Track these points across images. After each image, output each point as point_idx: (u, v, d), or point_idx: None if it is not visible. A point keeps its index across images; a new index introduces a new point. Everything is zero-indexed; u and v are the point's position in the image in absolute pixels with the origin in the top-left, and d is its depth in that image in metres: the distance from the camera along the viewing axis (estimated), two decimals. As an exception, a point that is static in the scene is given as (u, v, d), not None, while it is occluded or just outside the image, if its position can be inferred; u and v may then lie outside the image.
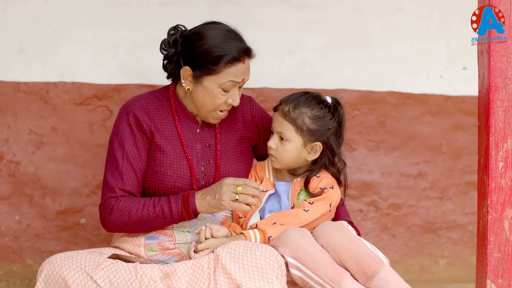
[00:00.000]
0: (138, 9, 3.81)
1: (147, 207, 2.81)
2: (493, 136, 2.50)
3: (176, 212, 2.79)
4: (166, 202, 2.81)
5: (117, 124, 2.90)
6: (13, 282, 3.75)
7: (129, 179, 2.85)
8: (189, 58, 2.83)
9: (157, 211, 2.80)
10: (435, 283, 4.02)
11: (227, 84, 2.81)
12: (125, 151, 2.85)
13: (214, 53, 2.78)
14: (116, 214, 2.81)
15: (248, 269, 2.57)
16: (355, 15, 3.95)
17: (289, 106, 2.86)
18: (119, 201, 2.81)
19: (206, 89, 2.83)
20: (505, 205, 2.50)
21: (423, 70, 4.02)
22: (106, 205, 2.83)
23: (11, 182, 3.79)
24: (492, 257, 2.52)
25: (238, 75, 2.82)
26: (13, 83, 3.77)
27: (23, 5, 3.75)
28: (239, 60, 2.80)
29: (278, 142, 2.88)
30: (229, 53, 2.78)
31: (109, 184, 2.84)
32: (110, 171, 2.86)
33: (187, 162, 2.90)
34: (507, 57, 2.49)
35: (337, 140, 2.91)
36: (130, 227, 2.83)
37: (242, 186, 2.73)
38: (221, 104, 2.85)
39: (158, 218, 2.81)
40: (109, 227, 2.85)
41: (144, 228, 2.84)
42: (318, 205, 2.83)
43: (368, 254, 2.63)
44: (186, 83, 2.86)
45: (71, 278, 2.60)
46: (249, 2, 3.87)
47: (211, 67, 2.79)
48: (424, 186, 4.05)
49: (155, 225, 2.82)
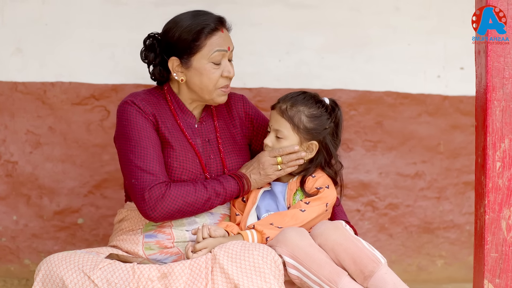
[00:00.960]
0: (136, 9, 3.81)
1: (199, 189, 2.82)
2: (490, 136, 2.50)
3: (230, 191, 2.87)
4: (218, 183, 2.85)
5: (127, 117, 2.86)
6: (10, 282, 3.75)
7: (162, 164, 2.83)
8: (171, 49, 2.88)
9: (210, 192, 2.83)
10: (433, 283, 4.03)
11: (215, 55, 2.85)
12: (148, 137, 2.83)
13: (192, 31, 2.83)
14: (169, 200, 2.77)
15: (246, 269, 2.57)
16: (352, 15, 3.96)
17: (287, 104, 2.87)
18: (169, 187, 2.79)
19: (198, 69, 2.86)
20: (502, 205, 2.50)
21: (420, 70, 4.02)
22: (156, 192, 2.76)
23: (9, 182, 3.79)
24: (490, 257, 2.52)
25: (222, 44, 2.86)
26: (10, 83, 3.77)
27: (21, 5, 3.74)
28: (217, 29, 2.86)
29: (275, 140, 2.89)
30: (206, 25, 2.84)
31: (148, 171, 2.77)
32: (140, 159, 2.79)
33: (194, 154, 2.91)
34: (504, 57, 2.49)
35: (333, 141, 2.92)
36: (182, 212, 2.81)
37: (281, 157, 2.87)
38: (218, 78, 2.87)
39: (210, 199, 2.84)
40: (160, 214, 2.78)
41: (195, 212, 2.84)
42: (314, 205, 2.83)
43: (365, 253, 2.63)
44: (178, 75, 2.89)
45: (68, 278, 2.60)
46: (247, 2, 3.87)
47: (194, 44, 2.83)
48: (422, 186, 4.05)
49: (206, 206, 2.85)
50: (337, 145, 2.95)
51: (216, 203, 2.87)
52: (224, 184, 2.86)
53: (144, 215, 2.79)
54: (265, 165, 2.88)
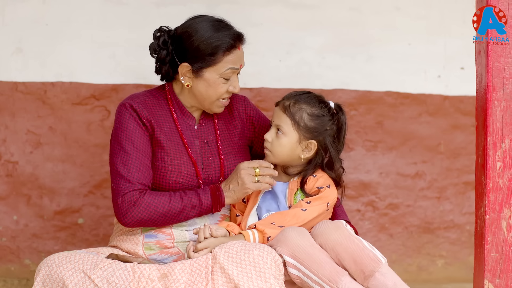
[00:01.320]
0: (136, 9, 3.81)
1: (174, 200, 2.81)
2: (490, 136, 2.50)
3: (205, 205, 2.84)
4: (195, 195, 2.83)
5: (120, 121, 2.88)
6: (10, 282, 3.75)
7: (145, 172, 2.83)
8: (185, 55, 2.86)
9: (185, 203, 2.82)
10: (433, 283, 4.03)
11: (227, 72, 2.85)
12: (134, 143, 2.84)
13: (211, 45, 2.82)
14: (141, 208, 2.78)
15: (246, 269, 2.57)
16: (353, 15, 3.96)
17: (290, 101, 2.90)
18: (143, 195, 2.79)
19: (208, 81, 2.86)
20: (502, 205, 2.50)
21: (421, 70, 4.02)
22: (128, 199, 2.78)
23: (9, 182, 3.79)
24: (490, 257, 2.52)
25: (236, 62, 2.87)
26: (11, 83, 3.77)
27: (21, 5, 3.74)
28: (235, 47, 2.85)
29: (275, 135, 2.90)
30: (226, 41, 2.82)
31: (125, 177, 2.80)
32: (122, 164, 2.82)
33: (188, 157, 2.91)
34: (504, 57, 2.49)
35: (334, 144, 2.92)
36: (154, 221, 2.81)
37: (259, 168, 2.85)
38: (224, 93, 2.89)
39: (184, 211, 2.82)
40: (131, 221, 2.80)
41: (168, 222, 2.83)
42: (315, 205, 2.84)
43: (366, 253, 2.63)
44: (186, 79, 2.89)
45: (69, 278, 2.60)
46: (247, 2, 3.87)
47: (210, 58, 2.82)
48: (422, 186, 4.05)
49: (180, 217, 2.83)
50: (340, 149, 2.96)
51: (191, 215, 2.85)
52: (201, 196, 2.85)
53: (117, 219, 2.82)
54: (242, 174, 2.84)
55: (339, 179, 2.95)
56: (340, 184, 2.96)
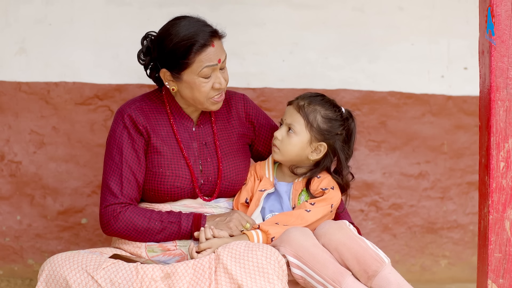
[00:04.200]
0: (139, 9, 3.81)
1: (153, 221, 2.83)
2: (494, 136, 2.50)
3: (184, 229, 2.84)
4: (176, 218, 2.84)
5: (114, 129, 2.90)
6: (14, 282, 3.76)
7: (130, 185, 2.85)
8: (163, 60, 2.86)
9: (164, 225, 2.83)
10: (436, 283, 4.02)
11: (204, 71, 2.82)
12: (124, 156, 2.85)
13: (180, 48, 2.79)
14: (121, 222, 2.82)
15: (249, 269, 2.57)
16: (356, 15, 3.95)
17: (305, 102, 2.90)
18: (125, 209, 2.82)
19: (189, 83, 2.84)
20: (506, 205, 2.50)
21: (424, 70, 4.02)
22: (110, 211, 2.82)
23: (12, 182, 3.79)
24: (493, 257, 2.52)
25: (211, 59, 2.82)
26: (14, 83, 3.78)
27: (24, 5, 3.75)
28: (207, 45, 2.81)
29: (285, 133, 2.90)
30: (195, 42, 2.79)
31: (111, 189, 2.83)
32: (110, 175, 2.85)
33: (184, 161, 2.91)
34: (508, 57, 2.49)
35: (343, 149, 2.93)
36: (133, 236, 2.85)
37: (249, 224, 2.84)
38: (209, 91, 2.85)
39: (163, 232, 2.84)
40: (111, 232, 2.85)
41: (148, 239, 2.85)
42: (320, 206, 2.84)
43: (369, 253, 2.63)
44: (170, 84, 2.89)
45: (72, 278, 2.61)
46: (251, 2, 3.87)
47: (183, 62, 2.80)
48: (425, 186, 4.05)
49: (158, 238, 2.85)
50: (349, 156, 2.96)
51: (171, 237, 2.86)
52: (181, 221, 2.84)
53: (101, 227, 2.87)
54: (235, 216, 2.86)
55: (347, 186, 2.96)
56: (346, 190, 2.97)
